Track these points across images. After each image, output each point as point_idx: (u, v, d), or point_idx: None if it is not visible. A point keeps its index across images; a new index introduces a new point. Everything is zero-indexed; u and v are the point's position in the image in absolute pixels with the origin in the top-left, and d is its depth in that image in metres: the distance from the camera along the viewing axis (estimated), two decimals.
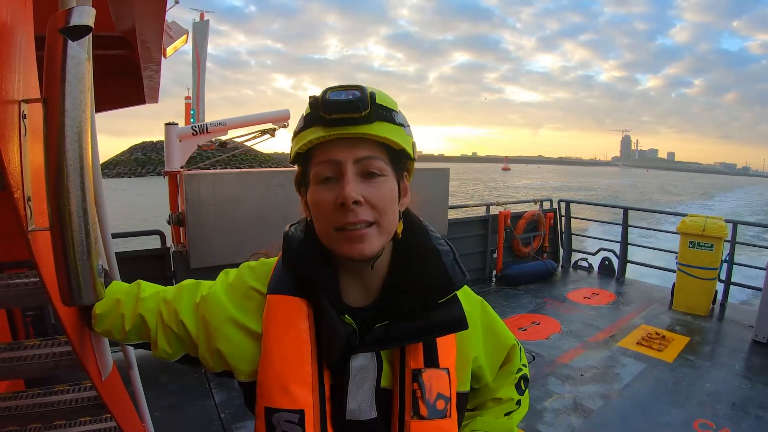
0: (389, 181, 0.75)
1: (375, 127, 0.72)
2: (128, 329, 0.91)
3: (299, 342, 0.76)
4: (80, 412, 1.45)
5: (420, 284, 0.78)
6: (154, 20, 1.72)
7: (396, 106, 0.77)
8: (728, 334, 4.83)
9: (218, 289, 0.86)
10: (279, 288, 0.80)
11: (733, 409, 3.33)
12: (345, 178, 0.71)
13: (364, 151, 0.73)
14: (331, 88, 0.72)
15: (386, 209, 0.74)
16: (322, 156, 0.73)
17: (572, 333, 4.74)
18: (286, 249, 0.83)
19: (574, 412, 3.29)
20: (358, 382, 0.78)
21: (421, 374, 0.78)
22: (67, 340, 1.06)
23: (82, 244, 0.71)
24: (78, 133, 0.71)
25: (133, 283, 0.98)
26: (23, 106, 0.74)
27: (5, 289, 1.26)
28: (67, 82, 0.70)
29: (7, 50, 0.70)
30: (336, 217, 0.72)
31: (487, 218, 6.58)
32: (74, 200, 0.70)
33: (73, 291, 0.72)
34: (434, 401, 0.77)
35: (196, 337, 0.85)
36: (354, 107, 0.70)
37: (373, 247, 0.73)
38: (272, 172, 3.98)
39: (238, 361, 0.81)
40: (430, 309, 0.78)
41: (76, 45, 0.71)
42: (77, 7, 0.73)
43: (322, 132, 0.72)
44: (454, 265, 0.80)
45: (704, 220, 5.29)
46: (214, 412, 3.23)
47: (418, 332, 0.77)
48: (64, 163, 0.69)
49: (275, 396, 0.74)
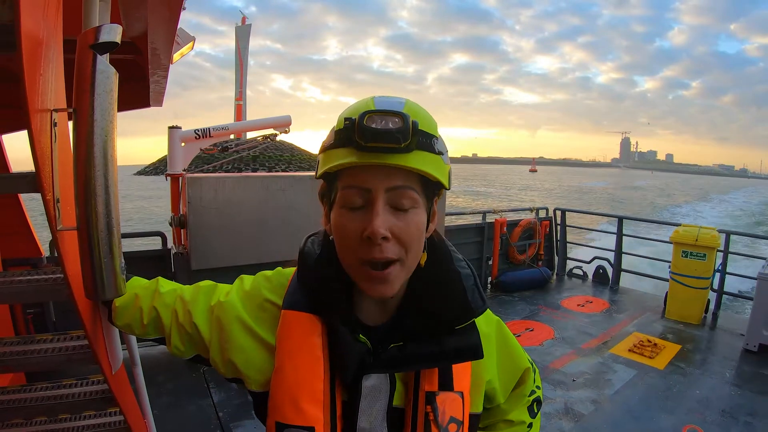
0: (419, 214, 0.71)
1: (413, 158, 0.67)
2: (146, 323, 0.93)
3: (312, 359, 0.75)
4: (86, 406, 1.49)
5: (438, 308, 0.76)
6: (166, 28, 1.78)
7: (437, 131, 0.71)
8: (719, 342, 4.90)
9: (234, 297, 0.85)
10: (294, 303, 0.79)
11: (723, 415, 3.39)
12: (374, 210, 0.67)
13: (398, 180, 0.68)
14: (370, 112, 0.65)
15: (413, 245, 0.71)
16: (352, 180, 0.69)
17: (565, 339, 4.80)
18: (301, 265, 0.81)
19: (566, 416, 3.34)
20: (369, 401, 0.77)
21: (435, 397, 0.76)
22: (82, 334, 1.11)
23: (107, 243, 0.77)
24: (105, 141, 0.77)
25: (152, 280, 1.00)
26: (54, 114, 0.81)
27: (9, 286, 1.30)
28: (96, 94, 0.76)
29: (44, 64, 0.76)
30: (361, 250, 0.69)
31: (483, 226, 6.64)
32: (101, 202, 0.76)
33: (98, 286, 0.78)
34: (447, 425, 0.76)
35: (209, 341, 0.85)
36: (394, 139, 0.64)
37: (394, 287, 0.71)
38: (273, 176, 4.03)
39: (250, 370, 0.80)
40: (447, 334, 0.76)
41: (104, 60, 0.78)
42: (106, 25, 0.79)
43: (355, 158, 0.66)
44: (474, 290, 0.79)
45: (697, 230, 5.36)
46: (212, 411, 3.26)
47: (433, 357, 0.76)
48: (92, 169, 0.75)
49: (287, 412, 0.73)
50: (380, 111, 0.65)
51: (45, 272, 1.30)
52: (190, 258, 3.73)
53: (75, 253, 0.78)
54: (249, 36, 18.94)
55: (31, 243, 3.23)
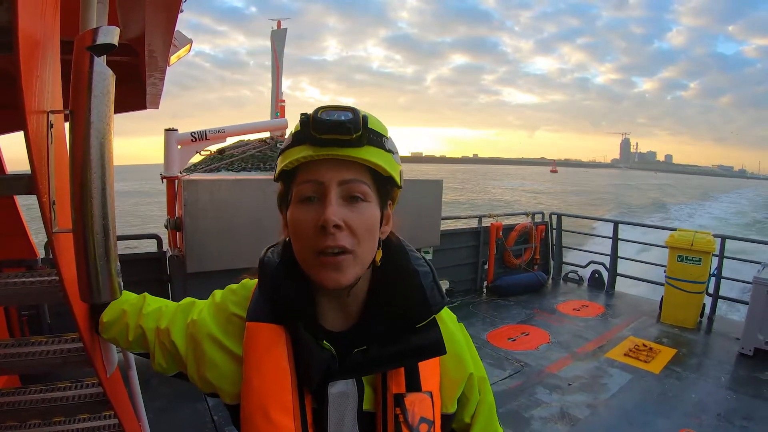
0: (372, 208, 0.74)
1: (364, 152, 0.71)
2: (131, 339, 0.96)
3: (278, 370, 0.76)
4: (80, 409, 1.49)
5: (398, 308, 0.78)
6: (163, 31, 1.78)
7: (387, 132, 0.76)
8: (715, 346, 4.92)
9: (205, 314, 0.87)
10: (257, 315, 0.80)
11: (718, 419, 3.40)
12: (327, 200, 0.70)
13: (350, 173, 0.72)
14: (324, 107, 0.71)
15: (365, 237, 0.73)
16: (307, 175, 0.72)
17: (561, 344, 4.81)
18: (261, 275, 0.82)
19: (561, 420, 3.34)
20: (337, 407, 0.77)
21: (404, 399, 0.77)
22: (77, 336, 1.10)
23: (102, 246, 0.77)
24: (101, 143, 0.77)
25: (140, 296, 1.02)
26: (51, 116, 0.80)
27: (5, 288, 1.30)
28: (93, 96, 0.76)
29: (41, 65, 0.76)
30: (315, 240, 0.71)
31: (479, 230, 6.66)
32: (97, 205, 0.76)
33: (93, 289, 0.77)
34: (417, 425, 0.76)
35: (185, 357, 0.87)
36: (345, 129, 0.69)
37: (348, 276, 0.72)
38: (270, 179, 3.94)
39: (224, 383, 0.82)
40: (409, 333, 0.78)
41: (102, 62, 0.78)
42: (103, 27, 0.79)
43: (310, 151, 0.71)
44: (433, 287, 0.80)
45: (693, 234, 5.39)
46: (207, 415, 3.25)
47: (396, 358, 0.77)
48: (89, 171, 0.75)
49: (258, 423, 0.74)
50: (333, 106, 0.70)
51: (40, 274, 1.29)
52: (186, 261, 3.71)
53: (70, 255, 0.78)
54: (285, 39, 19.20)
55: (26, 244, 3.20)
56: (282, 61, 20.07)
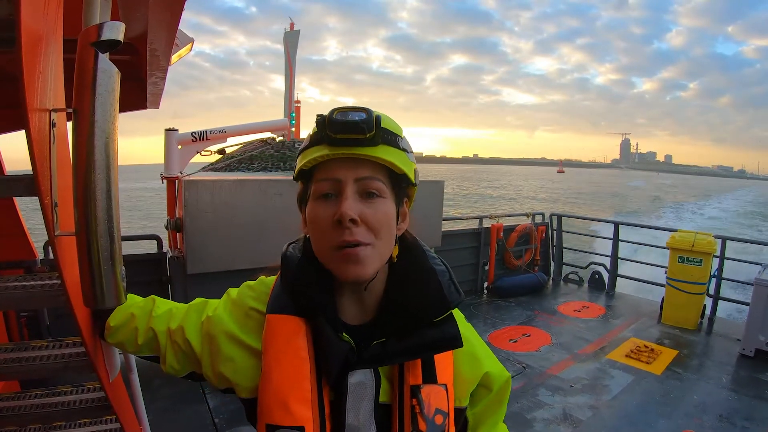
0: (387, 204, 0.76)
1: (378, 150, 0.74)
2: (141, 343, 0.96)
3: (298, 360, 0.77)
4: (81, 413, 1.46)
5: (416, 303, 0.79)
6: (166, 29, 1.75)
7: (401, 132, 0.78)
8: (716, 347, 4.91)
9: (221, 310, 0.88)
10: (277, 307, 0.81)
11: (720, 420, 3.39)
12: (343, 195, 0.73)
13: (366, 171, 0.74)
14: (339, 108, 0.73)
15: (382, 231, 0.75)
16: (324, 173, 0.75)
17: (562, 345, 4.79)
18: (284, 269, 0.84)
19: (564, 422, 3.33)
20: (355, 398, 0.79)
21: (420, 390, 0.79)
22: (79, 341, 1.08)
23: (107, 249, 0.75)
24: (106, 143, 0.74)
25: (147, 298, 1.02)
26: (53, 114, 0.78)
27: (5, 293, 1.26)
28: (97, 94, 0.73)
29: (44, 61, 0.74)
30: (332, 235, 0.73)
31: (479, 231, 6.64)
32: (101, 207, 0.73)
33: (97, 294, 0.75)
34: (433, 416, 0.78)
35: (200, 355, 0.88)
36: (359, 129, 0.71)
37: (368, 269, 0.74)
38: (270, 180, 3.99)
39: (240, 378, 0.83)
40: (426, 327, 0.79)
41: (106, 58, 0.75)
42: (108, 22, 0.76)
43: (327, 151, 0.73)
44: (450, 284, 0.82)
45: (693, 235, 5.38)
46: (207, 417, 3.22)
47: (414, 350, 0.79)
48: (93, 172, 0.72)
49: (276, 413, 0.75)
50: (348, 107, 0.73)
51: (41, 278, 1.26)
52: (186, 262, 3.68)
53: (73, 258, 0.75)
54: (298, 41, 19.13)
55: (25, 245, 3.17)
56: (295, 63, 20.24)
